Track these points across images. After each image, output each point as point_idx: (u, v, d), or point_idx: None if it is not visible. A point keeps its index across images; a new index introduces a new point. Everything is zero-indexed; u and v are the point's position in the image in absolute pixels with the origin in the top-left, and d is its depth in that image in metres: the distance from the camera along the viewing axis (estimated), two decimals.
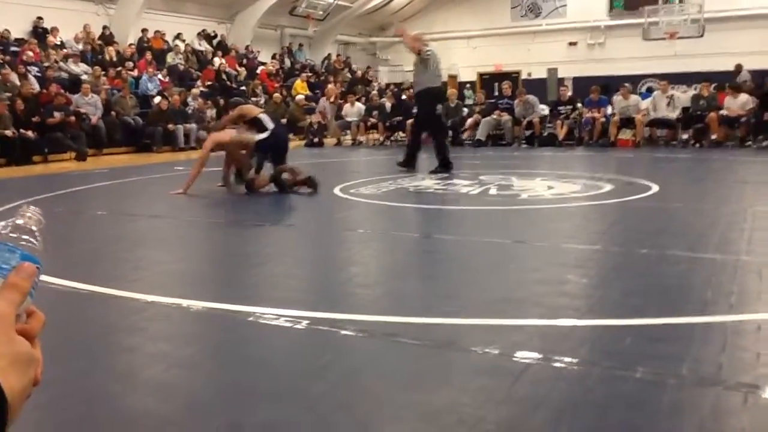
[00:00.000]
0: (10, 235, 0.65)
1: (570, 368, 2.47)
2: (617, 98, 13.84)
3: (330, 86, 18.25)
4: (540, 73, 23.50)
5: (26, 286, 0.63)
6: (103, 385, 2.51)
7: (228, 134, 7.62)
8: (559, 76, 22.89)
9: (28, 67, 14.03)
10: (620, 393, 2.27)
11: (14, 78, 13.38)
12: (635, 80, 18.25)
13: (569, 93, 15.28)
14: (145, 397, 2.41)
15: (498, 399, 2.25)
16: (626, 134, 13.51)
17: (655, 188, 7.17)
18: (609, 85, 15.63)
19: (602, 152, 12.54)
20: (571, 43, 23.45)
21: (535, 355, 2.57)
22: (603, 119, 13.79)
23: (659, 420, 2.11)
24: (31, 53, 14.74)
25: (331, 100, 17.12)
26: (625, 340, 2.77)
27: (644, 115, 13.44)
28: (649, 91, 17.17)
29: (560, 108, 14.45)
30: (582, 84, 18.27)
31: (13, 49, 14.93)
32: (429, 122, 9.66)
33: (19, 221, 0.67)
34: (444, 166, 9.32)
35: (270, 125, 7.69)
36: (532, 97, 14.65)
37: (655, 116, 13.51)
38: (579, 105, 14.41)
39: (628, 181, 7.90)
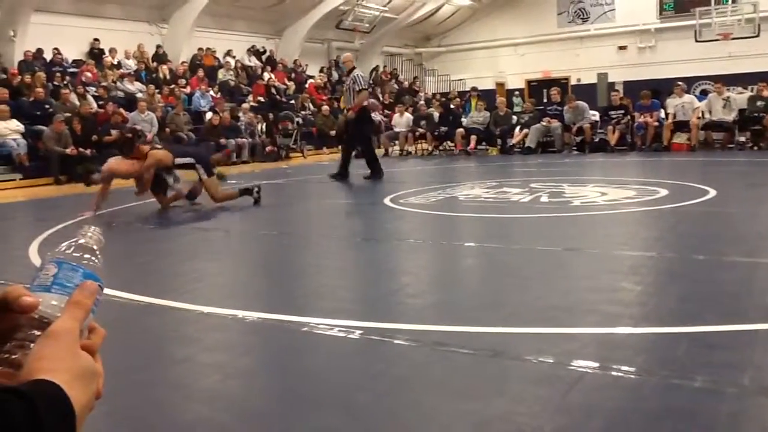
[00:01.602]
0: (73, 254, 0.69)
1: (626, 377, 2.43)
2: (671, 99, 13.57)
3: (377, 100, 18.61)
4: (590, 78, 23.20)
5: (89, 304, 0.66)
6: (161, 396, 2.57)
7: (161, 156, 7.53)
8: (610, 80, 22.56)
9: (87, 88, 14.49)
10: (677, 402, 2.22)
11: (73, 98, 13.84)
12: (688, 83, 17.88)
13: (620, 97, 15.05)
14: (202, 407, 2.45)
15: (553, 408, 2.22)
16: (681, 138, 13.24)
17: (711, 193, 7.00)
18: (660, 89, 15.34)
19: (656, 157, 12.30)
20: (620, 47, 23.10)
21: (590, 363, 2.54)
22: (656, 123, 13.53)
23: (719, 430, 2.06)
24: (89, 74, 15.23)
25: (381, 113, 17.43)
26: (682, 347, 2.71)
27: (699, 118, 13.14)
28: (704, 93, 16.79)
29: (611, 113, 14.23)
30: (633, 88, 17.96)
31: (71, 70, 15.46)
32: (358, 139, 10.53)
33: (81, 241, 0.70)
34: (376, 175, 10.20)
35: (190, 160, 7.58)
36: (582, 103, 14.46)
37: (710, 119, 13.20)
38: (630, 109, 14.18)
39: (683, 186, 7.74)
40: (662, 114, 13.73)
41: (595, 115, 14.68)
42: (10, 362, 0.63)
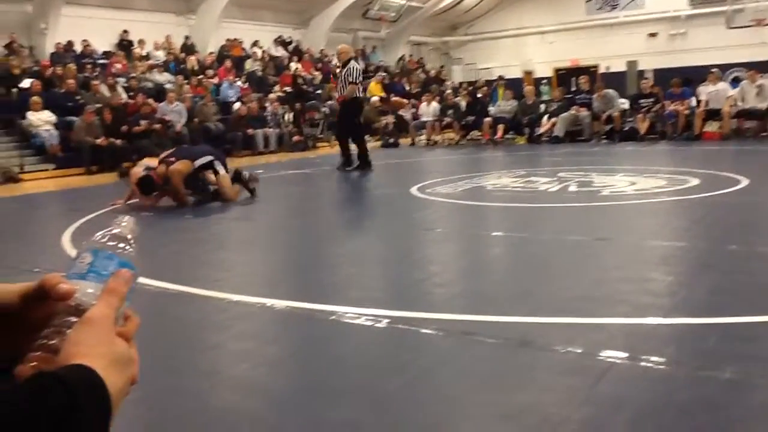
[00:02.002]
0: (108, 243, 0.70)
1: (655, 368, 2.41)
2: (703, 87, 13.36)
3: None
4: (619, 66, 22.90)
5: (124, 291, 0.67)
6: (190, 383, 2.61)
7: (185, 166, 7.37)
8: (639, 68, 22.26)
9: (117, 79, 14.66)
10: (707, 394, 2.20)
11: (104, 89, 14.00)
12: (720, 70, 17.58)
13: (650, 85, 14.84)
14: (231, 394, 2.49)
15: (581, 398, 2.22)
16: (712, 126, 13.03)
17: (744, 182, 6.89)
18: (691, 77, 15.10)
19: (687, 146, 12.13)
20: (650, 35, 22.76)
21: (619, 354, 2.52)
22: (687, 112, 13.33)
23: (749, 422, 2.04)
24: (119, 65, 15.40)
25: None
26: (713, 339, 2.68)
27: (731, 106, 12.91)
28: (736, 81, 16.50)
29: (641, 101, 14.04)
30: (664, 76, 17.70)
31: (101, 61, 15.65)
32: (350, 128, 10.48)
33: (116, 230, 0.72)
34: (365, 165, 10.22)
35: (209, 158, 7.51)
36: (611, 92, 14.28)
37: (742, 107, 12.97)
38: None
39: (714, 175, 7.62)
40: (693, 102, 13.53)
41: (624, 104, 14.50)
42: (47, 347, 0.64)
